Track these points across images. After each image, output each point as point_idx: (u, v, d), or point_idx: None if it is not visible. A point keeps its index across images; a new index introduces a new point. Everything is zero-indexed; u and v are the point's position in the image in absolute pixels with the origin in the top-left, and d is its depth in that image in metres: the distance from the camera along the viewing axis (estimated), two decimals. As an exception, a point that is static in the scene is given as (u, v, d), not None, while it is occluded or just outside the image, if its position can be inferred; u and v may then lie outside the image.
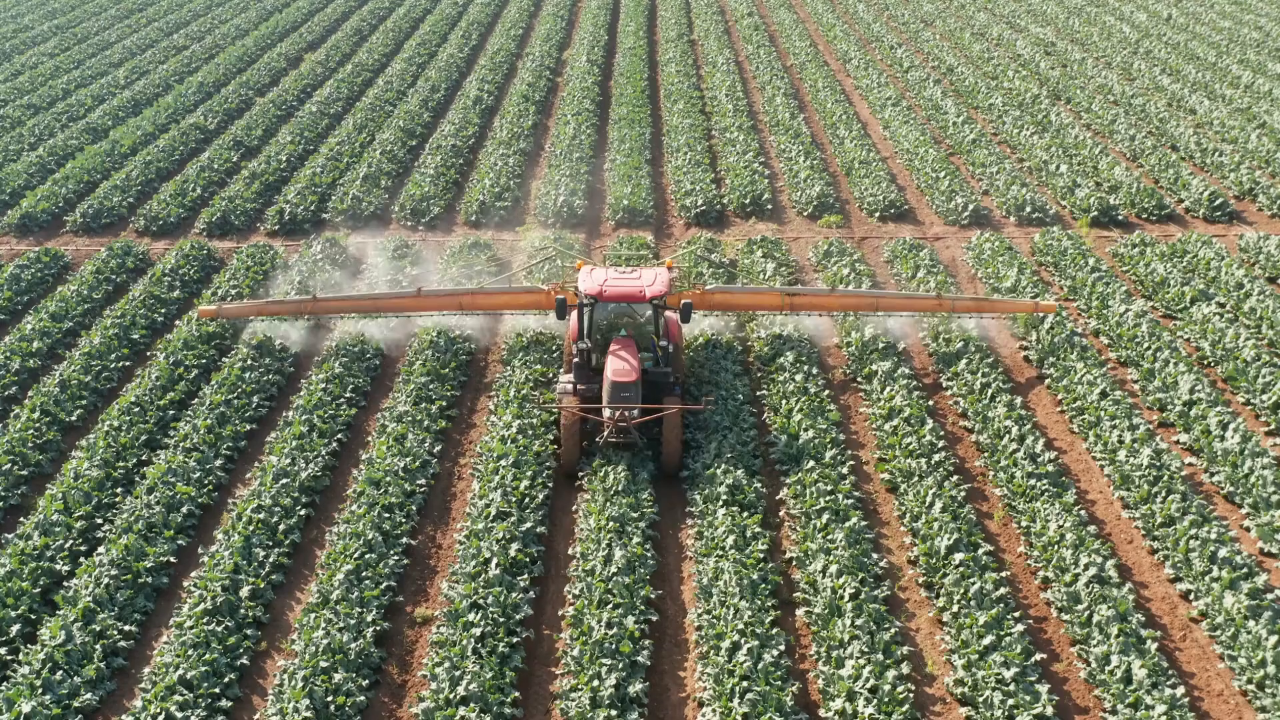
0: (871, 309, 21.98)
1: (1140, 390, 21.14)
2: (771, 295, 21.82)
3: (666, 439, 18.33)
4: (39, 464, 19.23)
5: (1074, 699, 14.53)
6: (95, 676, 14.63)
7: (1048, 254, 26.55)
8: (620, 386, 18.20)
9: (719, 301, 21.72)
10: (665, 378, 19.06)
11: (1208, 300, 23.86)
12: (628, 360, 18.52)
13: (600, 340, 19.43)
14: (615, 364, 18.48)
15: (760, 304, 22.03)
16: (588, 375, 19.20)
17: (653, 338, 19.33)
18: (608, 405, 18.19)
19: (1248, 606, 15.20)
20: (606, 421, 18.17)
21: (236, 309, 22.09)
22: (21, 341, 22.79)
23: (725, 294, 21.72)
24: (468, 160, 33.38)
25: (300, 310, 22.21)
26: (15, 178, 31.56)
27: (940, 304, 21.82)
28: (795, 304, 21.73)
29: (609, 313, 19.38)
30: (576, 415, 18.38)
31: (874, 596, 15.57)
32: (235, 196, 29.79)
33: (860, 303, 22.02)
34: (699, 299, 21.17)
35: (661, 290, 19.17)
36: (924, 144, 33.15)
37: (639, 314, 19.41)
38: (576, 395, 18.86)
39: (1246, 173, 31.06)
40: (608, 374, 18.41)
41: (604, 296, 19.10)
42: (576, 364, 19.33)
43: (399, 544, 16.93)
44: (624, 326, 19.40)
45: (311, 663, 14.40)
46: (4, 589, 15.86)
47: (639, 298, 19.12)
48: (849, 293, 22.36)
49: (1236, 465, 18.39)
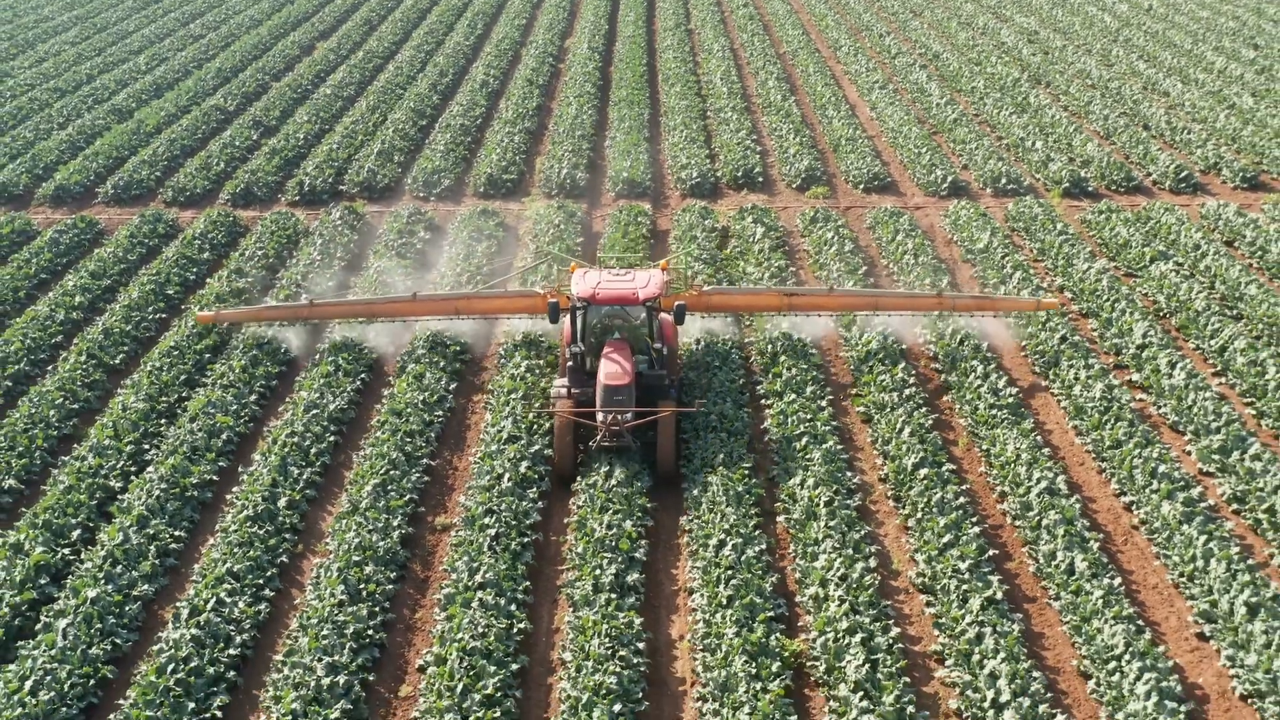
0: (871, 309, 21.97)
1: (1099, 337, 22.95)
2: (770, 296, 21.66)
3: (661, 442, 18.16)
4: (88, 400, 21.04)
5: (1023, 589, 16.34)
6: (150, 571, 16.44)
7: (1020, 220, 28.36)
8: (613, 390, 18.10)
9: (716, 303, 21.54)
10: (660, 380, 18.91)
11: (1166, 260, 25.66)
12: (621, 363, 18.40)
13: (594, 343, 19.26)
14: (608, 367, 18.37)
15: (758, 305, 21.97)
16: (582, 379, 19.03)
17: (647, 340, 19.20)
18: (601, 409, 18.06)
19: (1182, 513, 16.98)
20: (600, 426, 18.06)
21: (233, 314, 22.36)
22: (65, 296, 24.61)
23: (723, 295, 21.60)
24: (475, 138, 35.19)
25: (296, 315, 22.16)
26: (48, 153, 33.38)
27: (941, 303, 21.76)
28: (794, 304, 21.58)
29: (602, 315, 19.22)
30: (570, 420, 18.19)
31: (846, 505, 17.38)
32: (257, 170, 31.62)
33: (860, 303, 21.99)
34: (695, 300, 20.97)
35: (655, 292, 19.03)
36: (908, 123, 34.95)
37: (633, 316, 19.24)
38: (570, 399, 18.63)
39: (1212, 148, 32.86)
40: (601, 377, 18.29)
41: (597, 299, 18.94)
42: (570, 368, 19.19)
43: (420, 464, 18.76)
44: (618, 329, 19.27)
45: (344, 557, 16.21)
46: (64, 500, 17.68)
47: (632, 300, 18.97)
48: (848, 292, 22.33)
49: (1181, 398, 20.20)
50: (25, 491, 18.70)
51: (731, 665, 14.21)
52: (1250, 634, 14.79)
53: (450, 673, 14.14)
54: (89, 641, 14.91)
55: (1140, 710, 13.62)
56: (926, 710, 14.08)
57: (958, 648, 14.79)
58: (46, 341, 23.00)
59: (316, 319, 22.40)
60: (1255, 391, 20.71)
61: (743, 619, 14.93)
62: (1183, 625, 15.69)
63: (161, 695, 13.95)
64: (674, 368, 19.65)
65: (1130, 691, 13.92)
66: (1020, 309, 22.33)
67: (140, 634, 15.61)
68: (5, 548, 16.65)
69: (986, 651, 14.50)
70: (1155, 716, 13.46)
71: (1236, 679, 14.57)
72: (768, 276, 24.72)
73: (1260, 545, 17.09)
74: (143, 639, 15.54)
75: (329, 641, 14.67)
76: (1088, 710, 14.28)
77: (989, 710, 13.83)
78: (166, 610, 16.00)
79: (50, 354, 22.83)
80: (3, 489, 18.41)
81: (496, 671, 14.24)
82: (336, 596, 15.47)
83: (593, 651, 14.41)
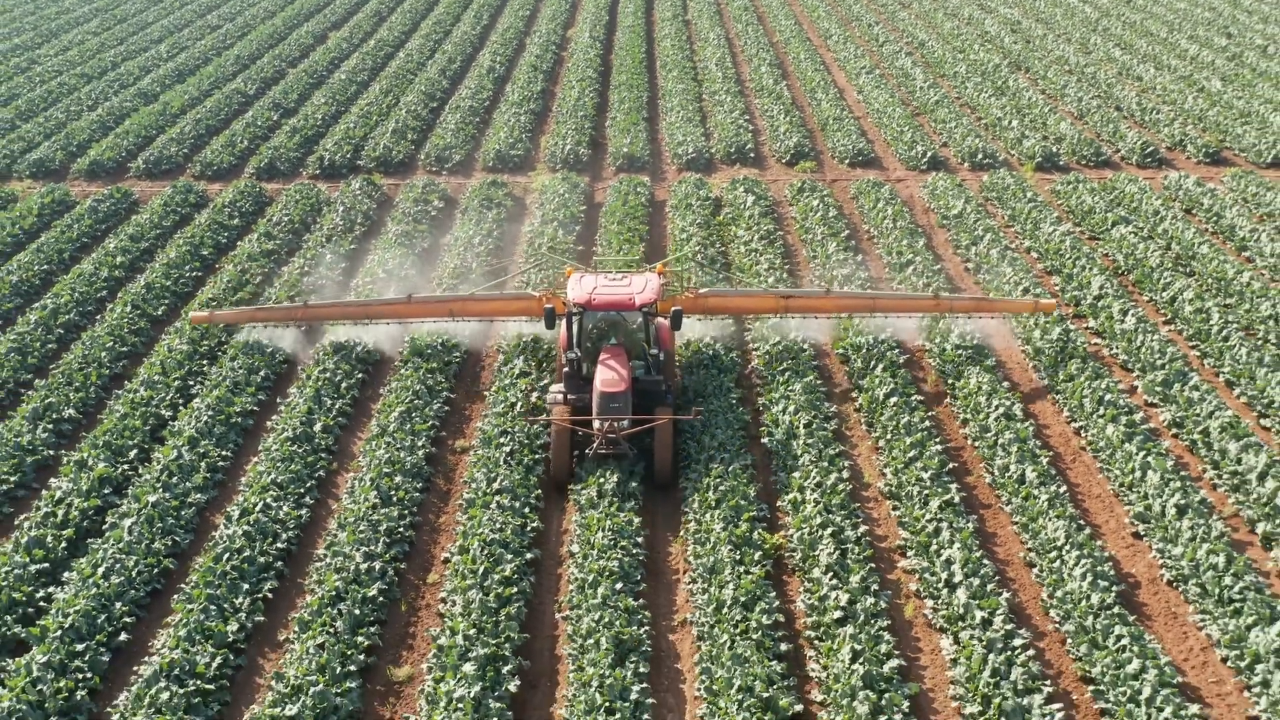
0: (869, 310, 21.92)
1: (1060, 290, 24.95)
2: (767, 298, 21.60)
3: (658, 449, 18.16)
4: (134, 344, 23.06)
5: (979, 498, 18.36)
6: (202, 483, 18.45)
7: (993, 191, 30.37)
8: (609, 397, 18.02)
9: (713, 305, 21.47)
10: (656, 386, 18.86)
11: (1126, 224, 27.68)
12: (617, 370, 18.33)
13: (590, 349, 19.19)
14: (604, 373, 18.29)
15: (755, 307, 21.87)
16: (578, 385, 18.95)
17: (643, 346, 19.15)
18: (597, 416, 18.03)
19: (1124, 434, 18.98)
20: (596, 432, 18.05)
21: (228, 315, 22.34)
22: (107, 256, 26.63)
23: (719, 298, 21.56)
24: (483, 119, 37.23)
25: (291, 317, 22.12)
26: (80, 132, 35.42)
27: (938, 304, 21.72)
28: (791, 307, 21.51)
29: (598, 321, 19.15)
30: (567, 426, 18.19)
31: (824, 428, 19.40)
32: (279, 147, 33.65)
33: (857, 304, 21.90)
34: (692, 303, 20.89)
35: (652, 297, 18.95)
36: (892, 105, 36.98)
37: (629, 321, 19.17)
38: (567, 405, 18.65)
39: (1179, 127, 34.87)
40: (597, 384, 18.22)
41: (593, 305, 18.87)
42: (567, 373, 19.11)
43: (440, 395, 20.76)
44: (614, 334, 19.19)
45: (376, 470, 18.22)
46: (121, 425, 19.69)
47: (629, 305, 18.90)
48: (846, 294, 22.27)
49: (1131, 340, 22.22)
50: (83, 420, 20.70)
51: (718, 553, 16.21)
52: (1178, 530, 16.77)
53: (472, 559, 16.14)
54: (151, 538, 16.91)
55: (1076, 589, 15.61)
56: (889, 590, 16.10)
57: (918, 541, 16.81)
58: (93, 295, 25.01)
59: (311, 320, 22.29)
60: (1199, 335, 22.71)
61: (729, 517, 16.94)
62: (1120, 527, 17.69)
63: (219, 579, 15.93)
64: (671, 373, 19.61)
65: (1069, 575, 15.91)
66: (1018, 311, 22.31)
67: (195, 534, 17.63)
68: (71, 464, 18.66)
69: (943, 543, 16.51)
70: (1089, 594, 15.44)
71: (1165, 568, 16.57)
72: (757, 238, 26.75)
73: (1195, 463, 19.09)
74: (198, 539, 17.55)
75: (365, 535, 16.68)
76: (1031, 591, 16.29)
77: (943, 589, 15.84)
78: (218, 516, 18.00)
79: (96, 306, 24.84)
80: (64, 418, 20.41)
81: (513, 559, 16.25)
82: (370, 500, 17.48)
83: (597, 542, 16.42)
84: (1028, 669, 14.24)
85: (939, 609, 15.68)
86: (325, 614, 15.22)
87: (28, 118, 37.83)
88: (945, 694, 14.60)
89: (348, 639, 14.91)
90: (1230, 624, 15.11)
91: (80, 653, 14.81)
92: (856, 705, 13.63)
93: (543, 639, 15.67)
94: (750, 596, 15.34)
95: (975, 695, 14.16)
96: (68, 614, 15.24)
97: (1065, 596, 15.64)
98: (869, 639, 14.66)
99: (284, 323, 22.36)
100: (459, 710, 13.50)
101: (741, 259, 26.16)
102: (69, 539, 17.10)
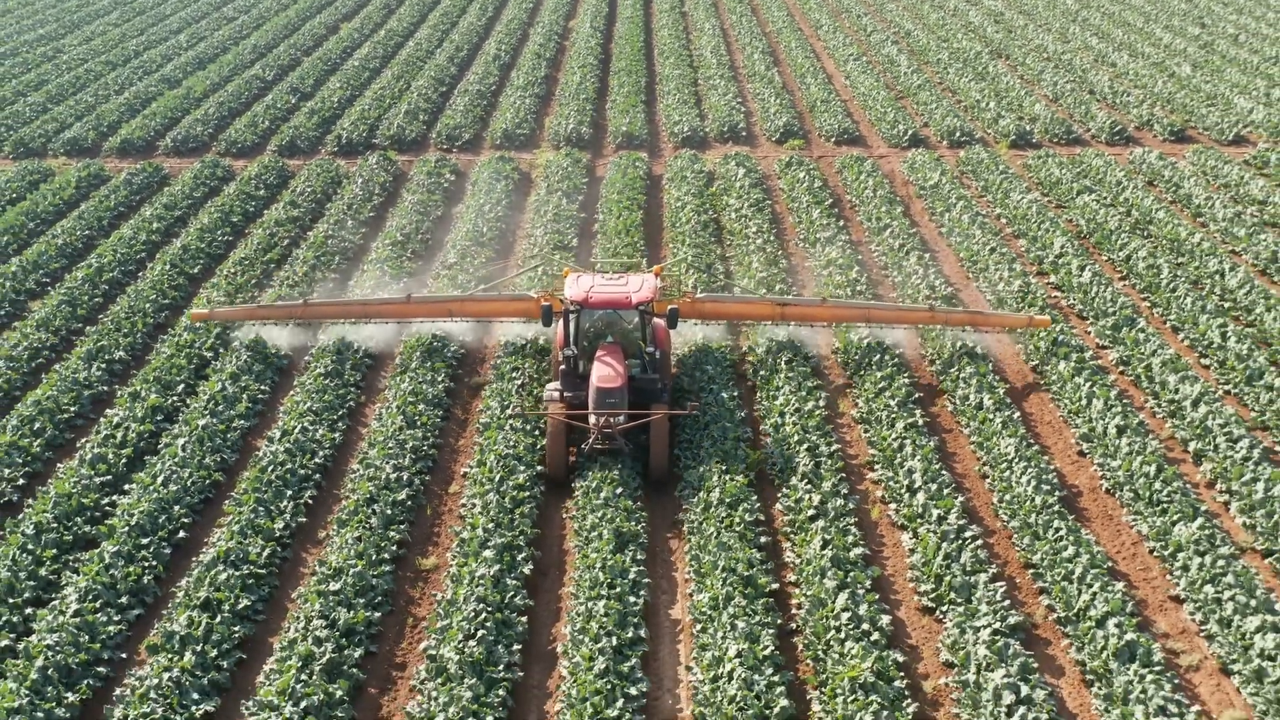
0: (863, 320, 22.06)
1: (1025, 251, 27.05)
2: (763, 305, 21.93)
3: (654, 445, 18.46)
4: (175, 298, 25.15)
5: (941, 423, 20.46)
6: (245, 411, 20.53)
7: (969, 165, 32.49)
8: (606, 393, 18.28)
9: (708, 310, 21.66)
10: (652, 384, 19.13)
11: (1090, 193, 29.78)
12: (613, 366, 18.62)
13: (587, 347, 19.44)
14: (601, 370, 18.56)
15: (751, 314, 22.15)
16: (574, 382, 19.19)
17: (639, 344, 19.44)
18: (593, 412, 18.30)
19: (1074, 369, 21.06)
20: (592, 428, 18.27)
21: (228, 313, 22.53)
22: (144, 223, 28.74)
23: (715, 303, 21.75)
24: (491, 102, 39.35)
25: (291, 315, 22.34)
26: (110, 114, 37.55)
27: (933, 317, 21.83)
28: (786, 314, 21.76)
29: (595, 319, 19.42)
30: (562, 422, 18.45)
31: (804, 365, 21.48)
32: (299, 126, 35.77)
33: (852, 314, 22.00)
34: (688, 308, 21.11)
35: (648, 297, 19.21)
36: (877, 89, 39.10)
37: (626, 320, 19.46)
38: (563, 402, 18.90)
39: (1147, 108, 36.99)
40: (593, 380, 18.49)
41: (590, 303, 19.13)
42: (563, 371, 19.36)
43: (456, 340, 22.83)
44: (610, 333, 19.49)
45: (401, 399, 20.31)
46: (169, 363, 21.79)
47: (625, 304, 19.16)
48: (841, 303, 22.38)
49: (1087, 292, 24.33)
50: (132, 362, 22.79)
51: (708, 464, 18.29)
52: (1118, 446, 18.86)
53: (489, 470, 18.24)
54: (202, 455, 19.00)
55: (1023, 494, 17.70)
56: (857, 495, 18.21)
57: (884, 456, 18.93)
58: (132, 256, 27.12)
59: (310, 319, 22.59)
60: (1150, 289, 24.82)
61: (716, 437, 19.03)
62: (1067, 447, 19.79)
63: (265, 486, 18.02)
64: (666, 372, 19.92)
65: (1016, 482, 18.00)
66: (1012, 325, 22.29)
67: (240, 454, 19.73)
68: (125, 396, 20.75)
69: (906, 457, 18.61)
70: (1034, 498, 17.51)
71: (1104, 479, 18.67)
72: (747, 205, 28.85)
73: (1138, 395, 21.18)
74: (243, 458, 19.65)
75: (393, 451, 18.78)
76: (984, 498, 18.39)
77: (905, 494, 17.94)
78: (260, 440, 20.06)
79: (137, 266, 26.94)
80: (115, 359, 22.50)
81: (525, 470, 18.34)
82: (397, 424, 19.57)
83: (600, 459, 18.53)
84: (976, 555, 16.32)
85: (901, 510, 17.79)
86: (361, 513, 17.32)
87: (58, 101, 39.99)
88: (904, 577, 16.69)
89: (381, 533, 17.01)
90: (1157, 521, 17.20)
91: (145, 545, 16.90)
92: (825, 581, 15.70)
93: (552, 537, 17.75)
94: (735, 499, 17.43)
95: (929, 575, 16.26)
96: (132, 514, 17.33)
97: (1013, 500, 17.74)
98: (838, 532, 16.75)
99: (284, 321, 22.60)
100: (480, 586, 15.57)
101: (732, 224, 28.25)
102: (128, 456, 19.20)
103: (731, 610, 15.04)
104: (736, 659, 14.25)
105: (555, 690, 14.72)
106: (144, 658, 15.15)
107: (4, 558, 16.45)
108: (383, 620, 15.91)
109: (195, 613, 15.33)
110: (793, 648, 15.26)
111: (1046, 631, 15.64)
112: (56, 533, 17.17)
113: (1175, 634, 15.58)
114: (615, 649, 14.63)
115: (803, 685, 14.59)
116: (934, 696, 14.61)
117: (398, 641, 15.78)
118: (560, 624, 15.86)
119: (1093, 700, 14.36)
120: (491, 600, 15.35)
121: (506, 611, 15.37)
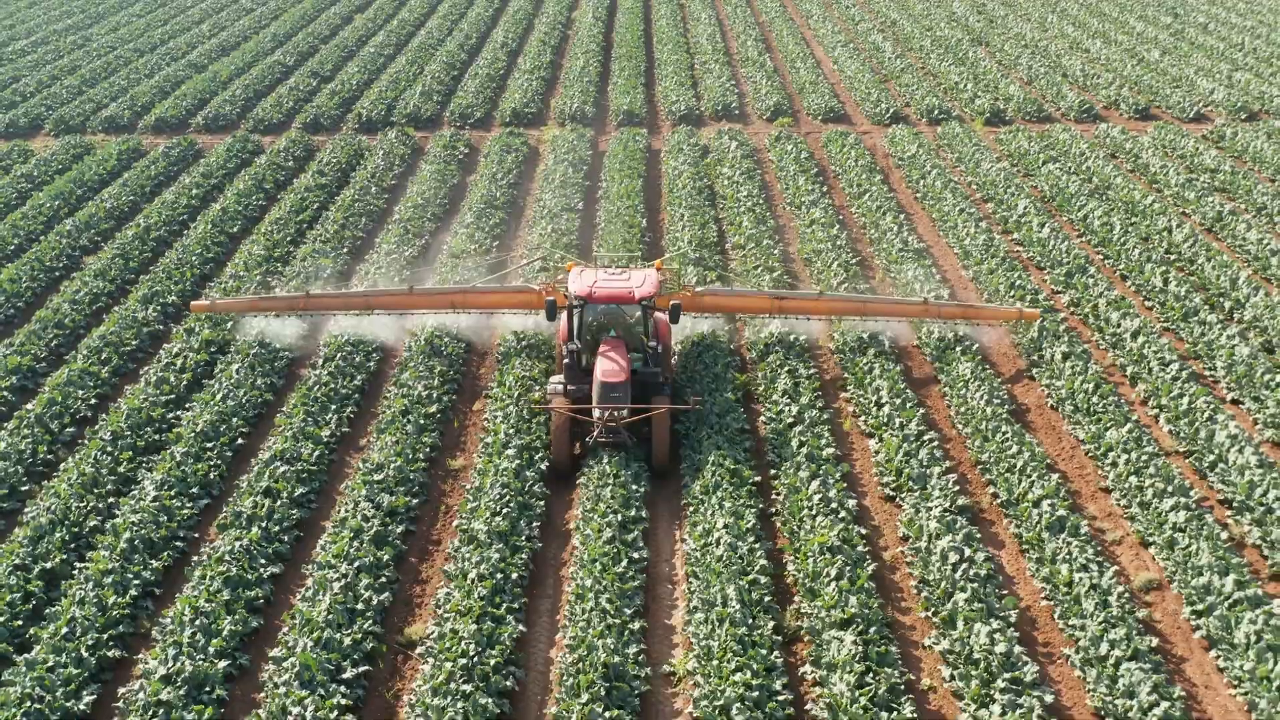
0: (859, 314, 22.61)
1: (992, 214, 29.60)
2: (761, 299, 22.27)
3: (656, 438, 18.86)
4: (217, 253, 27.68)
5: (908, 352, 22.98)
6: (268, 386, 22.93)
7: (945, 139, 35.04)
8: (610, 387, 18.59)
9: (708, 304, 22.10)
10: (655, 378, 19.49)
11: (1055, 163, 32.33)
12: (617, 360, 18.88)
13: (590, 341, 19.72)
14: (604, 364, 18.85)
15: (749, 307, 22.57)
16: (578, 376, 19.50)
17: (642, 338, 19.76)
18: (597, 405, 18.64)
19: (1043, 310, 23.50)
20: (596, 421, 18.66)
21: (230, 304, 22.85)
22: (183, 189, 31.30)
23: (714, 297, 22.14)
24: (499, 84, 41.93)
25: (293, 307, 22.52)
26: (143, 95, 40.12)
27: (927, 310, 22.35)
28: (784, 308, 22.22)
29: (599, 314, 19.67)
30: (567, 416, 18.79)
31: (787, 306, 24.02)
32: (321, 106, 38.33)
33: (848, 307, 22.54)
34: (688, 301, 21.32)
35: (650, 291, 19.53)
36: (863, 72, 41.66)
37: (628, 315, 19.75)
38: (567, 396, 19.23)
39: (1115, 90, 39.55)
40: (597, 374, 18.77)
41: (593, 298, 19.39)
42: (567, 365, 19.66)
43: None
44: (614, 327, 19.74)
45: (428, 333, 22.82)
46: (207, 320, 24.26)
47: (628, 299, 19.47)
48: (838, 297, 22.94)
49: (1045, 245, 26.87)
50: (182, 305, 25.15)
51: (700, 384, 20.81)
52: (1062, 369, 21.38)
53: (509, 388, 20.78)
54: (253, 379, 21.52)
55: (976, 406, 20.19)
56: (831, 410, 20.74)
57: (855, 377, 21.54)
58: (175, 218, 29.69)
59: (313, 310, 22.77)
60: (1104, 244, 27.37)
61: (708, 363, 21.56)
62: (1018, 372, 22.31)
63: (312, 403, 20.54)
64: (669, 366, 20.29)
65: (971, 398, 20.50)
66: (1003, 318, 22.83)
67: (286, 380, 22.27)
68: (180, 332, 23.29)
69: (874, 377, 21.14)
70: (986, 409, 20.00)
71: (1049, 398, 21.20)
72: (738, 174, 31.40)
73: (1085, 331, 23.69)
74: (288, 383, 22.17)
75: (423, 374, 21.35)
76: (943, 413, 20.91)
77: (873, 407, 20.47)
78: (304, 368, 22.53)
79: (180, 226, 29.48)
80: (168, 302, 24.97)
81: (540, 389, 20.85)
82: (425, 352, 22.10)
83: (605, 377, 21.03)
84: (932, 453, 18.86)
85: (868, 421, 20.32)
86: (397, 422, 19.85)
87: (93, 84, 42.57)
88: (870, 474, 19.24)
89: (415, 437, 19.54)
90: (1092, 427, 19.74)
91: (209, 448, 19.43)
92: (800, 473, 18.23)
93: (564, 445, 20.25)
94: (724, 409, 19.96)
95: (891, 470, 18.80)
96: (196, 424, 19.86)
97: (968, 412, 20.28)
98: (813, 437, 19.28)
99: (286, 312, 22.77)
100: (504, 476, 18.09)
101: (725, 189, 30.80)
102: (188, 380, 21.74)
103: (720, 495, 17.58)
104: (724, 529, 16.78)
105: (569, 559, 17.23)
106: (214, 537, 17.64)
107: (87, 457, 18.98)
108: (419, 508, 18.43)
109: (258, 498, 17.86)
110: (772, 527, 17.79)
111: (991, 515, 18.17)
112: (130, 439, 19.69)
113: (1103, 517, 18.12)
114: (620, 524, 17.16)
115: (780, 554, 17.13)
116: (892, 563, 17.13)
117: (433, 524, 18.31)
118: (573, 510, 18.37)
119: (1027, 565, 16.90)
120: (514, 487, 17.88)
121: (526, 497, 17.90)
